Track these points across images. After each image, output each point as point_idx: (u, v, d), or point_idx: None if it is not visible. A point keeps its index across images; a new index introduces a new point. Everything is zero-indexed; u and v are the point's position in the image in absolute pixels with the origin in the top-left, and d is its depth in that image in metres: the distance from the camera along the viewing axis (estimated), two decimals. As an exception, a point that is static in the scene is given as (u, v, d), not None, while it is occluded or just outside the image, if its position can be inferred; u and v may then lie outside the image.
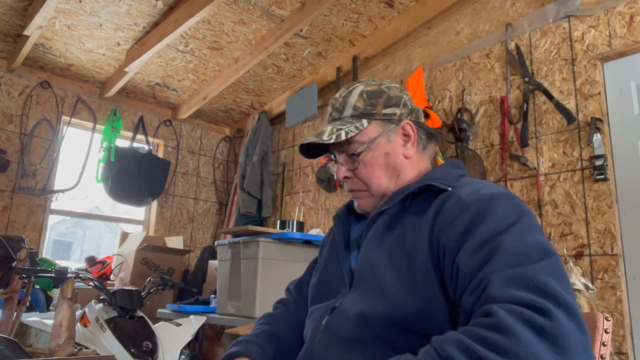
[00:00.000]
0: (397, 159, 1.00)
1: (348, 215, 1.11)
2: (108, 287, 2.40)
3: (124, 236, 3.96)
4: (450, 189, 0.90)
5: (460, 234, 0.80)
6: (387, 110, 1.00)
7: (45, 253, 3.82)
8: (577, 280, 2.29)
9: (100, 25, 3.31)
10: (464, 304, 0.74)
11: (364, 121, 0.99)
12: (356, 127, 0.98)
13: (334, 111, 1.03)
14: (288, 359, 1.03)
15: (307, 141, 1.01)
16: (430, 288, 0.81)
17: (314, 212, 3.97)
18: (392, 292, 0.83)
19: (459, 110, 3.00)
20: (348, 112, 1.01)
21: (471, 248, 0.76)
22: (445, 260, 0.80)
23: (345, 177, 1.02)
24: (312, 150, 1.08)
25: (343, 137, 0.97)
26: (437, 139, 1.07)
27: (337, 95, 1.05)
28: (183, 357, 2.36)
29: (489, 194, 0.84)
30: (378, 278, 0.87)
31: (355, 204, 1.05)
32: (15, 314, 2.20)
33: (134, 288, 2.42)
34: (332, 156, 1.06)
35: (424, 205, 0.91)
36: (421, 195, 0.93)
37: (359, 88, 1.02)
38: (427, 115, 1.09)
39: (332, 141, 0.97)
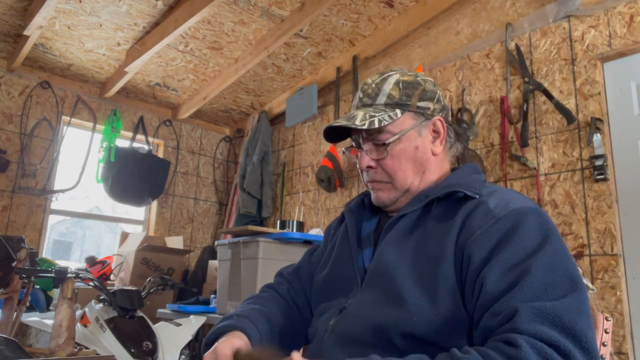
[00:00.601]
0: (425, 155, 0.98)
1: (360, 209, 1.08)
2: (108, 287, 2.39)
3: (124, 236, 3.96)
4: (477, 196, 0.88)
5: (488, 249, 0.79)
6: (422, 104, 0.97)
7: (45, 253, 3.82)
8: (577, 280, 2.29)
9: (100, 25, 3.31)
10: (485, 322, 0.73)
11: (398, 111, 0.96)
12: (389, 117, 0.94)
13: (366, 96, 0.99)
14: (276, 341, 1.00)
15: (337, 124, 0.97)
16: (452, 298, 0.80)
17: (314, 212, 3.97)
18: (411, 300, 0.81)
19: (459, 110, 3.00)
20: (382, 99, 0.97)
21: (499, 268, 0.75)
22: (469, 271, 0.79)
23: (369, 167, 0.98)
24: (335, 134, 1.04)
25: (376, 125, 0.93)
26: (463, 140, 1.05)
27: (369, 80, 1.01)
28: (183, 357, 2.36)
29: (518, 209, 0.83)
30: (395, 283, 0.84)
31: (373, 195, 1.01)
32: (15, 314, 2.20)
33: (134, 288, 2.42)
34: (354, 143, 1.02)
35: (448, 212, 0.89)
36: (445, 201, 0.91)
37: (395, 76, 0.99)
38: (453, 115, 1.08)
39: (364, 127, 0.93)
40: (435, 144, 0.99)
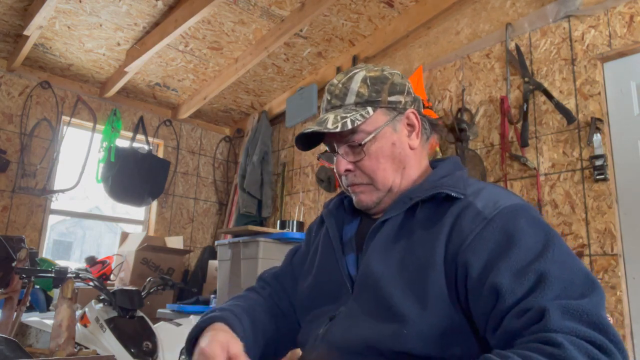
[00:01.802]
0: (403, 150, 0.94)
1: (340, 211, 1.04)
2: (108, 287, 2.40)
3: (124, 236, 3.96)
4: (462, 197, 0.84)
5: (486, 253, 0.76)
6: (392, 98, 0.93)
7: (45, 253, 3.82)
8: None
9: (100, 25, 3.31)
10: (507, 326, 0.69)
11: (369, 109, 0.91)
12: (362, 115, 0.90)
13: (334, 98, 0.94)
14: (260, 340, 0.96)
15: (309, 130, 0.92)
16: (443, 307, 0.77)
17: (314, 212, 3.97)
18: (400, 312, 0.79)
19: (459, 110, 3.00)
20: (351, 99, 0.92)
21: (509, 272, 0.72)
22: (469, 279, 0.76)
23: (347, 170, 0.94)
24: (308, 141, 1.00)
25: (349, 126, 0.88)
26: (439, 130, 1.01)
27: (334, 81, 0.96)
28: (183, 357, 2.36)
29: (508, 207, 0.80)
30: (384, 294, 0.81)
31: (355, 199, 0.97)
32: (15, 314, 2.20)
33: (134, 288, 2.42)
34: (329, 147, 0.98)
35: (434, 215, 0.85)
36: (429, 202, 0.87)
37: (361, 74, 0.94)
38: (424, 106, 1.04)
39: (337, 130, 0.88)
40: (411, 137, 0.95)
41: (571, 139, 2.53)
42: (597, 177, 2.37)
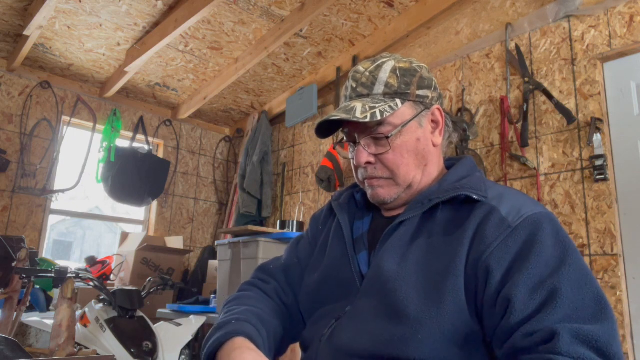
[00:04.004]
0: (427, 147, 0.92)
1: (351, 205, 1.01)
2: (108, 287, 2.40)
3: (124, 236, 3.96)
4: (483, 199, 0.83)
5: (507, 262, 0.75)
6: (421, 92, 0.91)
7: (45, 253, 3.82)
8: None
9: (100, 25, 3.31)
10: (515, 343, 0.70)
11: (398, 101, 0.89)
12: (390, 107, 0.87)
13: (360, 86, 0.91)
14: (272, 344, 0.92)
15: (335, 117, 0.88)
16: (460, 313, 0.76)
17: (314, 212, 3.97)
18: (415, 316, 0.77)
19: (459, 110, 3.00)
20: (379, 89, 0.89)
21: (525, 286, 0.72)
22: (487, 286, 0.75)
23: (367, 163, 0.91)
24: (325, 128, 0.96)
25: (378, 117, 0.86)
26: (458, 129, 1.02)
27: (360, 68, 0.93)
28: (183, 357, 2.36)
29: (532, 217, 0.79)
30: (397, 296, 0.79)
31: (371, 192, 0.93)
32: (15, 314, 2.20)
33: (134, 288, 2.42)
34: (348, 137, 0.94)
35: (456, 218, 0.84)
36: (449, 204, 0.86)
37: (390, 63, 0.91)
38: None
39: (367, 120, 0.85)
40: (435, 134, 0.94)
41: (571, 139, 2.53)
42: (597, 177, 2.37)
